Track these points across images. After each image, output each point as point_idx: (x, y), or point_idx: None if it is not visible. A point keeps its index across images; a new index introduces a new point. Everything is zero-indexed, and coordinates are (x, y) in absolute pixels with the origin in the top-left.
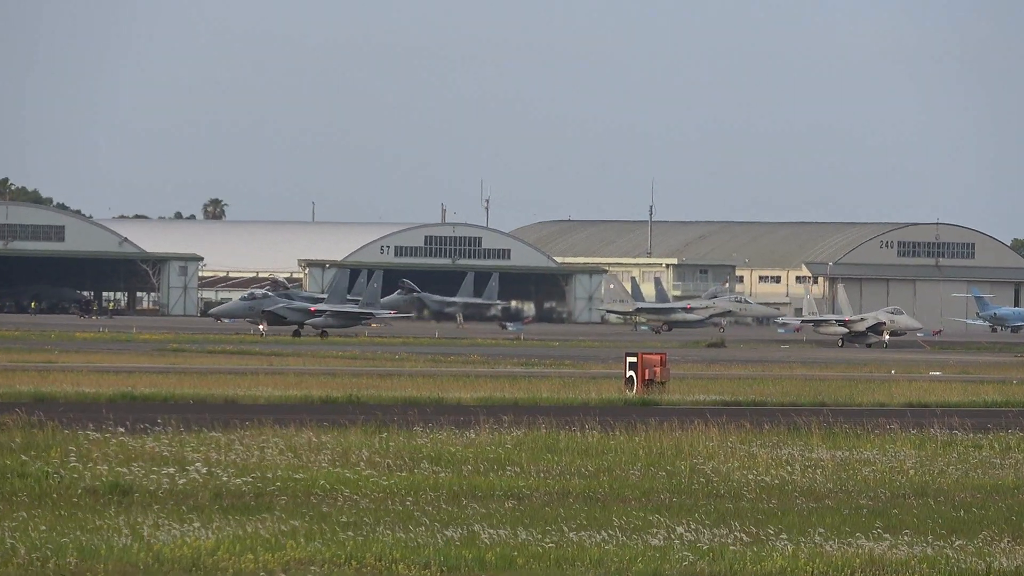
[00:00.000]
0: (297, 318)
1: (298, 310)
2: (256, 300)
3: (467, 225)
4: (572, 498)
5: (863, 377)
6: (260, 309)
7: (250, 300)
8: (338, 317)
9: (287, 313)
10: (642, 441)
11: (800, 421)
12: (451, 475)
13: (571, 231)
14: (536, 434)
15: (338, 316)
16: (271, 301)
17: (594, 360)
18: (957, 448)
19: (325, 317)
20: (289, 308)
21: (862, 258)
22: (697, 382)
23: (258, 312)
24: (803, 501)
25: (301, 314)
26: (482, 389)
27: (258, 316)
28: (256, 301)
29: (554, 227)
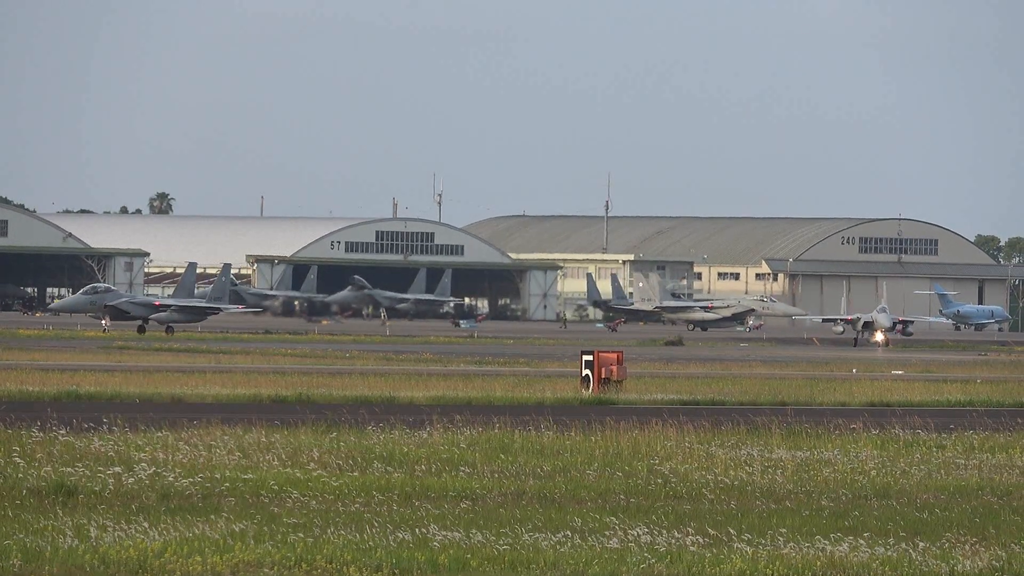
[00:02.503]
0: (141, 313)
1: (142, 305)
2: (98, 294)
3: (419, 220)
4: (527, 499)
5: (824, 376)
6: (102, 304)
7: (91, 294)
8: (183, 312)
9: (130, 308)
10: (598, 441)
11: (760, 421)
12: (403, 476)
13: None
14: (490, 434)
15: (183, 311)
16: (113, 296)
17: (549, 358)
18: (920, 448)
19: (170, 312)
20: (132, 303)
21: (823, 254)
22: (655, 381)
23: (100, 307)
24: (763, 502)
25: (145, 309)
26: (435, 388)
27: (100, 311)
28: (98, 295)
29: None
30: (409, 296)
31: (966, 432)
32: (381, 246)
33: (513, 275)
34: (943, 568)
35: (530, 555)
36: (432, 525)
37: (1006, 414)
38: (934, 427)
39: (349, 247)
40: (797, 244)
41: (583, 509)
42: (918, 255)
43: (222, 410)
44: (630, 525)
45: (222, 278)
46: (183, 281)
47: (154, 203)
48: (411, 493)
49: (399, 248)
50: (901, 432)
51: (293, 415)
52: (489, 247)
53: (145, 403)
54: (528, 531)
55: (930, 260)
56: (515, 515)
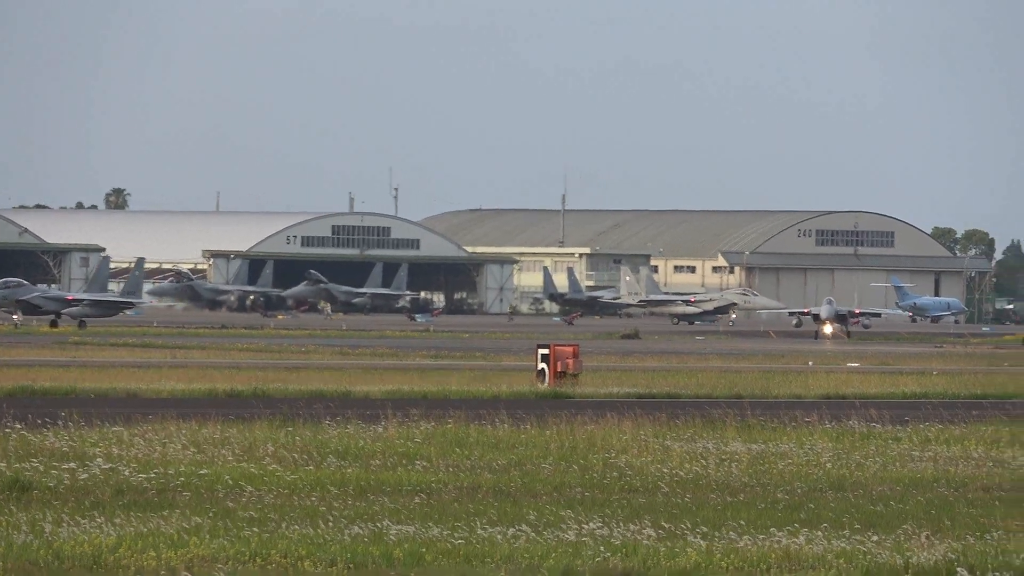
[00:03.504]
0: (53, 307)
1: (54, 299)
2: (9, 289)
3: (375, 215)
4: (482, 493)
5: (780, 369)
6: (14, 298)
7: (3, 289)
8: (96, 306)
9: (42, 302)
10: (554, 435)
11: (715, 414)
12: (358, 470)
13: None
14: (446, 428)
15: (96, 305)
16: (25, 290)
17: (505, 352)
18: (875, 441)
19: (82, 306)
20: (45, 297)
21: (779, 247)
22: (611, 374)
23: (12, 301)
24: (718, 495)
25: (57, 303)
26: (391, 382)
27: (12, 305)
28: (9, 290)
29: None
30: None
31: (921, 424)
32: (337, 240)
33: (469, 269)
34: (898, 560)
35: (485, 549)
36: (387, 519)
37: (961, 406)
38: (889, 419)
39: (305, 241)
40: (754, 237)
41: (539, 503)
42: (875, 247)
43: (177, 405)
44: (586, 518)
45: (136, 272)
46: (96, 276)
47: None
48: (366, 487)
49: (355, 242)
50: (856, 424)
51: (248, 410)
52: (445, 241)
53: (100, 398)
54: (483, 525)
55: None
56: (470, 509)
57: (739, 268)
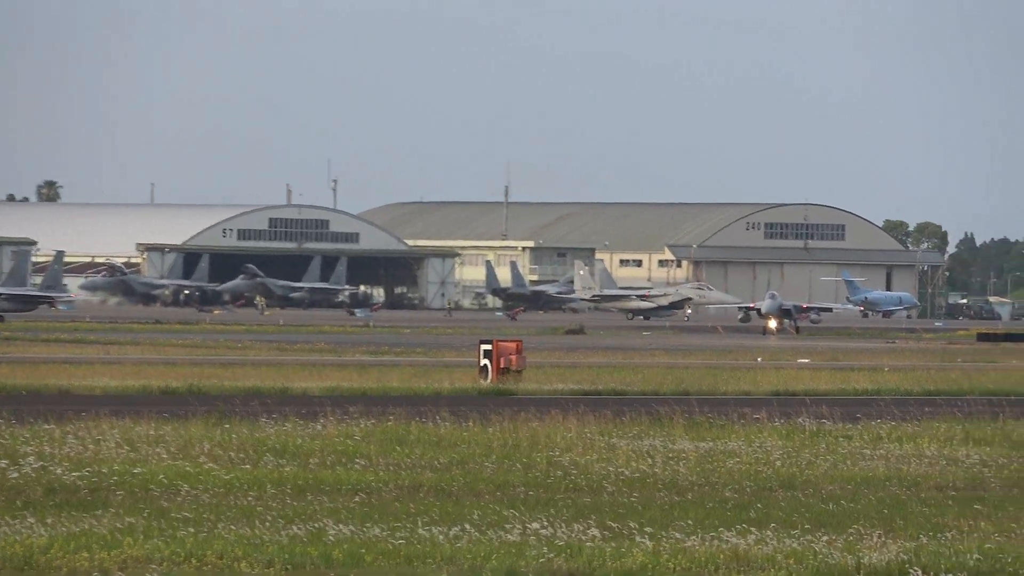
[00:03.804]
0: None
1: None
2: None
3: (314, 207)
4: (423, 492)
5: (728, 365)
6: None
7: None
8: (14, 300)
9: None
10: (497, 432)
11: (662, 411)
12: (296, 469)
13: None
14: (386, 426)
15: (14, 299)
16: None
17: (447, 348)
18: (826, 438)
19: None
20: None
21: (727, 240)
22: (555, 370)
23: None
24: (665, 494)
25: None
26: (329, 378)
27: None
28: None
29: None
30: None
31: (873, 422)
32: (274, 234)
33: (410, 263)
34: (849, 561)
35: (427, 549)
36: (326, 519)
37: (914, 403)
38: (840, 417)
39: (242, 235)
40: (701, 230)
41: (481, 502)
42: (825, 241)
43: (111, 402)
44: (529, 518)
45: (55, 266)
46: (15, 270)
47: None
48: (304, 486)
49: (293, 236)
50: (807, 422)
51: (183, 407)
52: (385, 234)
53: (32, 395)
54: (425, 525)
55: (837, 246)
56: (411, 508)
57: (686, 262)
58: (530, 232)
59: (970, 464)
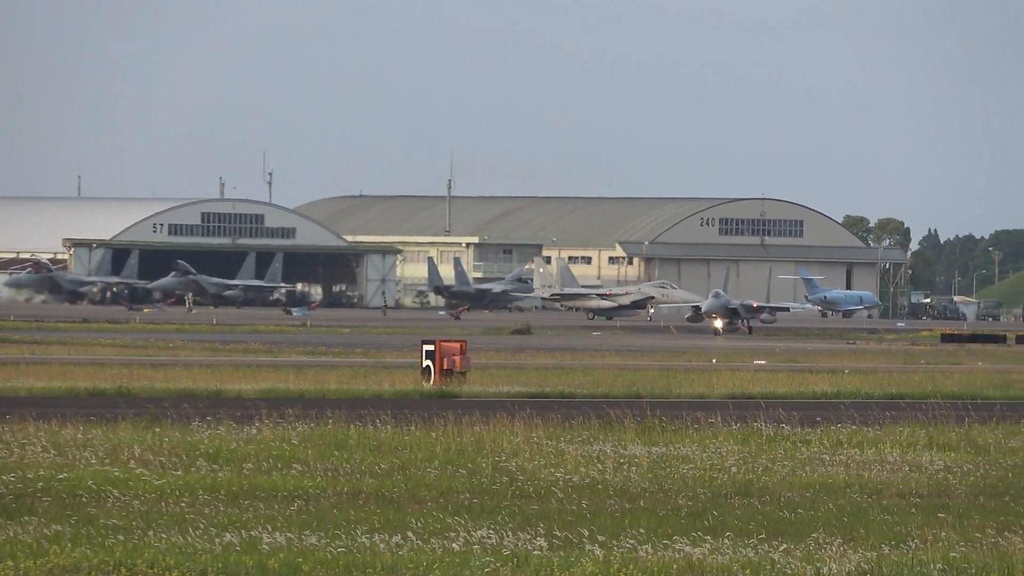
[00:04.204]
0: None
1: None
2: None
3: (248, 201)
4: (363, 499)
5: (681, 366)
6: None
7: None
8: None
9: None
10: (440, 437)
11: (613, 414)
12: (230, 474)
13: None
14: (324, 429)
15: None
16: None
17: (388, 348)
18: (783, 443)
19: None
20: None
21: (681, 236)
22: (501, 372)
23: None
24: (616, 501)
25: None
26: (265, 380)
27: None
28: None
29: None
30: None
31: (833, 426)
32: (207, 229)
33: (349, 259)
34: (808, 571)
35: (367, 558)
36: (261, 527)
37: (875, 407)
38: (799, 421)
39: (173, 230)
40: (653, 226)
41: (423, 509)
42: (782, 237)
43: (36, 404)
44: (474, 526)
45: None
46: None
47: None
48: (239, 493)
49: (226, 231)
50: (764, 426)
51: (112, 409)
52: (323, 229)
53: None
54: (364, 533)
55: (795, 243)
56: (351, 516)
57: (638, 259)
58: (474, 227)
59: (934, 470)
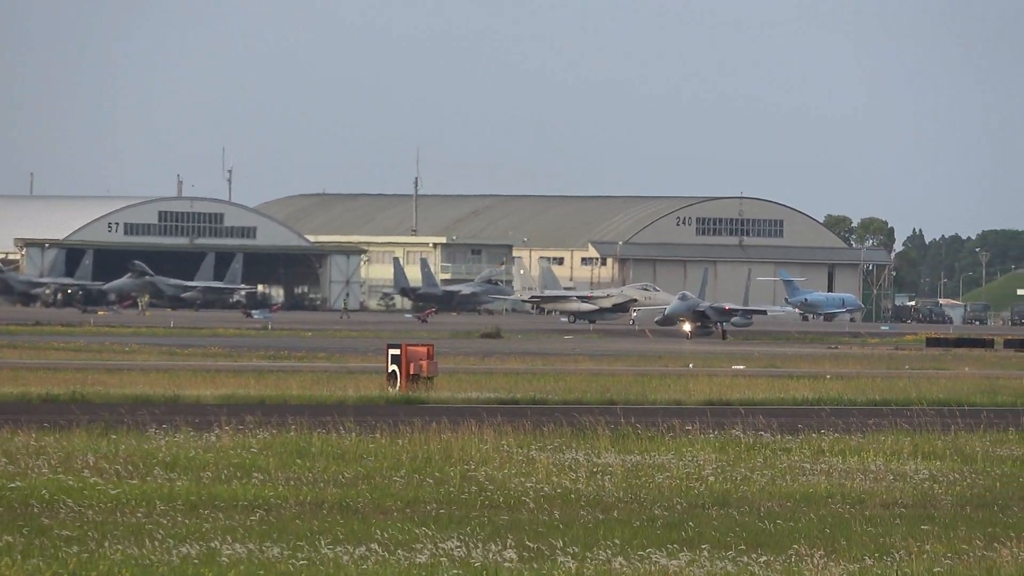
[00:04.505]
0: None
1: None
2: None
3: (207, 200)
4: (327, 509)
5: (657, 371)
6: None
7: None
8: None
9: None
10: (406, 444)
11: (586, 421)
12: (189, 483)
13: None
14: (286, 436)
15: None
16: None
17: (352, 352)
18: (763, 451)
19: None
20: None
21: (656, 236)
22: (470, 377)
23: None
24: (589, 512)
25: None
26: (224, 385)
27: None
28: None
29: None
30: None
31: (814, 433)
32: (164, 228)
33: (312, 260)
34: None
35: (330, 571)
36: (220, 538)
37: (858, 413)
38: (779, 428)
39: (129, 229)
40: (628, 225)
41: (389, 520)
42: (761, 237)
43: None
44: (441, 537)
45: None
46: None
47: None
48: (197, 502)
49: (184, 230)
50: (742, 434)
51: (66, 416)
52: (285, 229)
53: None
54: (328, 544)
55: (775, 243)
56: (313, 527)
57: (611, 260)
58: (442, 227)
59: (919, 480)
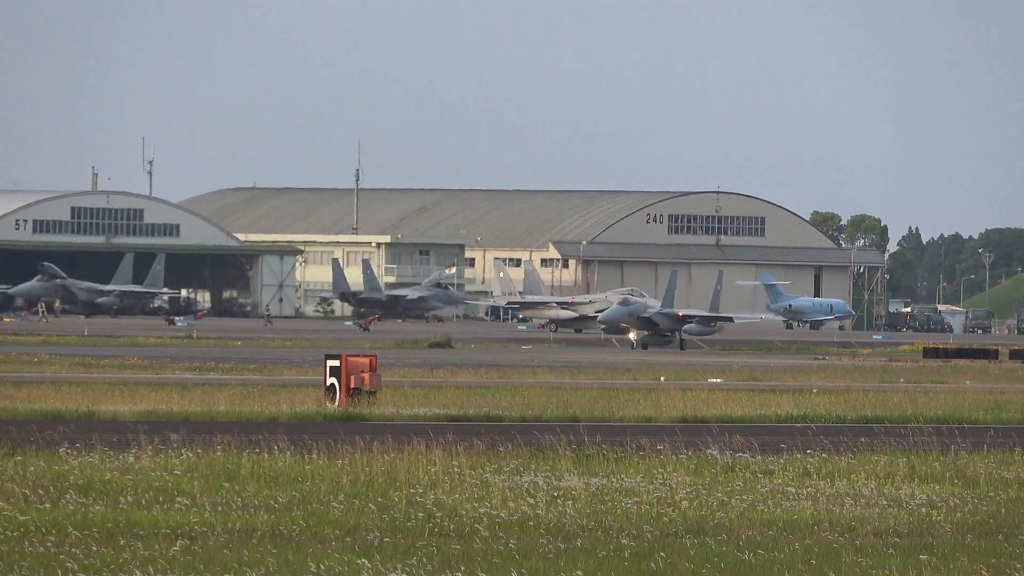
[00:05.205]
0: None
1: None
2: None
3: (125, 194)
4: (258, 537)
5: (625, 385)
6: None
7: None
8: None
9: None
10: (346, 466)
11: (546, 440)
12: (105, 509)
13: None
14: (212, 457)
15: None
16: None
17: (287, 364)
18: (742, 474)
19: None
20: None
21: (624, 235)
22: (417, 391)
23: None
24: (549, 541)
25: None
26: (144, 400)
27: None
28: None
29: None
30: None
31: (799, 454)
32: (78, 226)
33: (241, 261)
34: None
35: None
36: (140, 570)
37: (848, 432)
38: (760, 448)
39: (38, 227)
40: (593, 223)
41: (327, 550)
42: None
43: None
44: (385, 569)
45: None
46: None
47: None
48: (114, 530)
49: (100, 228)
50: (719, 454)
51: None
52: (212, 227)
53: None
54: None
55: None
56: (243, 557)
57: (574, 261)
58: (386, 225)
59: (915, 505)
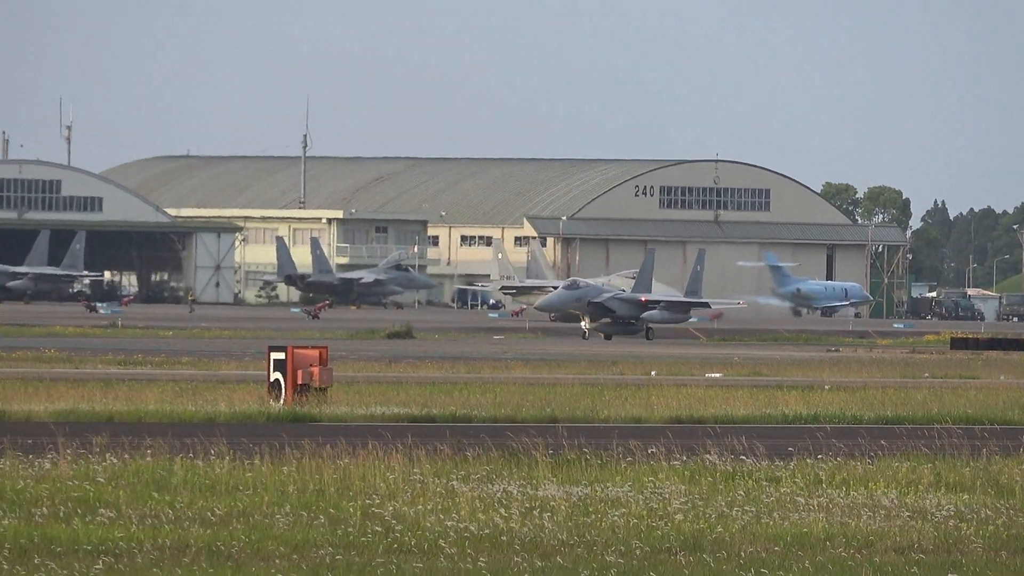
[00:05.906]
0: None
1: None
2: None
3: (40, 163)
4: (191, 555)
5: (611, 380)
6: None
7: None
8: None
9: None
10: (293, 473)
11: (520, 444)
12: (17, 522)
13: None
14: (140, 463)
15: None
16: None
17: (225, 356)
18: (745, 482)
19: None
20: None
21: (609, 210)
22: (374, 388)
23: None
24: (525, 558)
25: None
26: (62, 398)
27: None
28: None
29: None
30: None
31: (809, 459)
32: None
33: (173, 240)
34: None
35: None
36: None
37: (864, 434)
38: (765, 452)
39: None
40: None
41: (271, 568)
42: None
43: None
44: None
45: None
46: None
47: None
48: (28, 547)
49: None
50: (718, 459)
51: None
52: (139, 201)
53: None
54: None
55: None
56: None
57: (553, 239)
58: (338, 198)
59: (942, 517)
